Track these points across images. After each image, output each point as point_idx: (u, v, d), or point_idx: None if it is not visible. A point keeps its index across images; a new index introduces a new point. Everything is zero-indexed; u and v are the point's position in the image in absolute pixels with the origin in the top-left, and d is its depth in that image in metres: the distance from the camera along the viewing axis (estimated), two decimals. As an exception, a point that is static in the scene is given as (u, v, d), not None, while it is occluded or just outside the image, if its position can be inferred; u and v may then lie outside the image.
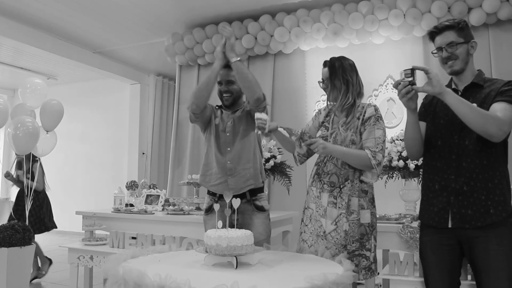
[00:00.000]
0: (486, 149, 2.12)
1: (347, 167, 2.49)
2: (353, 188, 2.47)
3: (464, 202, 2.12)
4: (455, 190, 2.14)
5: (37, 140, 4.40)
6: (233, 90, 2.92)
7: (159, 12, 5.84)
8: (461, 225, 2.12)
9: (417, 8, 4.94)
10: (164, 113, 8.69)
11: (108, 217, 4.16)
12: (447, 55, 2.23)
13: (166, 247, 2.54)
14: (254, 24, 5.74)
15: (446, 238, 2.18)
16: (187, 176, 5.06)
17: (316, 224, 2.53)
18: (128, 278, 1.76)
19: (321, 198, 2.52)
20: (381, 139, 2.47)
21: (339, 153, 2.46)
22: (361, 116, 2.53)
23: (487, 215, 2.07)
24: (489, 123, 2.02)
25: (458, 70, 2.24)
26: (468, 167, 2.13)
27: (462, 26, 2.22)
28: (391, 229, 3.05)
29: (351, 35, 5.29)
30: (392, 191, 3.72)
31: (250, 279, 1.79)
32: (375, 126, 2.49)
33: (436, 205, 2.21)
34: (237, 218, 2.72)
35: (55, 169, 9.63)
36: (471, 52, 2.24)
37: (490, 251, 2.05)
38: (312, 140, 2.46)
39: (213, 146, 2.92)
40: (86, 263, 3.81)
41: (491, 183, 2.10)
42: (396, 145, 3.48)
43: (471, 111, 2.04)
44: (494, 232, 2.06)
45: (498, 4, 4.59)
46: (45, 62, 7.92)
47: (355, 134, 2.50)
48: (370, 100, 5.43)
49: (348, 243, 2.43)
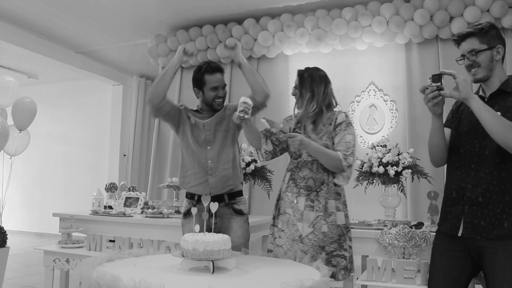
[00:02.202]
0: (506, 161, 2.04)
1: (322, 171, 2.58)
2: (329, 191, 2.56)
3: (478, 213, 2.07)
4: (470, 199, 2.10)
5: (6, 139, 4.29)
6: (225, 94, 2.98)
7: (143, 13, 5.80)
8: (472, 235, 2.08)
9: (400, 16, 4.98)
10: (146, 115, 8.60)
11: (85, 219, 4.09)
12: (469, 63, 2.16)
13: (143, 250, 2.51)
14: (238, 28, 5.73)
15: (456, 245, 2.15)
16: (167, 179, 5.02)
17: (293, 228, 2.56)
18: (102, 282, 1.73)
19: (298, 203, 2.57)
20: (352, 143, 2.57)
21: (313, 149, 2.53)
22: (332, 122, 2.64)
23: (501, 228, 2.01)
24: (511, 135, 1.96)
25: (482, 78, 2.16)
26: (486, 178, 2.07)
27: (485, 31, 2.13)
28: (370, 235, 3.06)
29: (334, 40, 5.31)
30: (372, 197, 3.74)
31: (226, 284, 1.78)
32: (346, 131, 2.60)
33: (452, 213, 2.18)
34: (216, 222, 2.70)
35: (34, 169, 9.52)
36: (497, 58, 2.14)
37: (496, 263, 2.01)
38: (291, 134, 2.53)
39: (192, 145, 2.91)
40: (62, 266, 3.74)
41: (508, 196, 2.03)
42: (376, 151, 3.50)
43: (495, 120, 1.99)
44: (503, 244, 2.01)
45: (479, 14, 4.65)
46: (26, 61, 7.77)
47: (328, 139, 2.60)
48: (352, 106, 5.45)
49: (326, 245, 2.50)
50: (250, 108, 2.54)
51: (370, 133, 5.34)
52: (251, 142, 2.78)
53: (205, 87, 2.93)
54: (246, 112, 2.52)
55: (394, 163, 3.35)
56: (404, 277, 2.58)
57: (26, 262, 6.37)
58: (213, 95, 2.92)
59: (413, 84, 5.12)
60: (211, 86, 2.91)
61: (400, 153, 3.44)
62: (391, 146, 3.50)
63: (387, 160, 3.36)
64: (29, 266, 5.43)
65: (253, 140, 2.76)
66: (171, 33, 6.21)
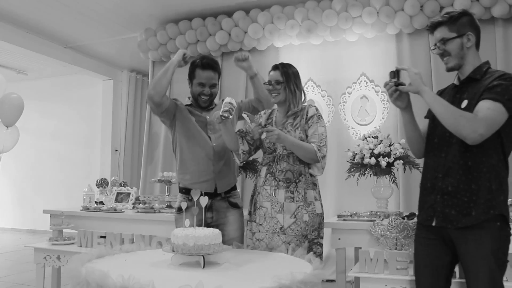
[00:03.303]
0: (473, 149, 2.03)
1: (298, 163, 2.70)
2: (307, 182, 2.69)
3: (449, 202, 2.08)
4: (441, 189, 2.11)
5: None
6: (214, 93, 2.99)
7: (132, 7, 5.74)
8: (444, 224, 2.09)
9: (390, 6, 4.96)
10: (137, 109, 8.56)
11: (76, 215, 4.07)
12: (439, 52, 2.18)
13: (134, 246, 2.49)
14: (227, 20, 5.68)
15: (432, 234, 2.17)
16: (159, 173, 4.98)
17: (272, 221, 2.66)
18: (91, 279, 1.70)
19: (277, 195, 2.67)
20: (324, 135, 2.71)
21: (290, 143, 2.63)
22: (304, 115, 2.75)
23: (469, 217, 2.01)
24: (461, 125, 1.96)
25: (454, 66, 2.17)
26: (453, 167, 2.08)
27: (455, 19, 2.13)
28: (363, 226, 3.05)
29: (325, 32, 5.28)
30: (364, 189, 3.73)
31: (217, 279, 1.76)
32: (318, 123, 2.72)
33: (427, 203, 2.20)
34: (212, 216, 2.85)
35: (25, 166, 9.45)
36: (467, 46, 2.12)
37: (469, 254, 2.03)
38: (270, 128, 2.58)
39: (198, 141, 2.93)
40: (53, 263, 3.71)
41: (475, 184, 2.03)
42: (368, 142, 3.48)
43: (445, 110, 2.01)
44: (472, 234, 2.01)
45: (468, 3, 4.63)
46: (15, 57, 7.68)
47: (302, 132, 2.71)
48: (344, 97, 5.43)
49: (308, 233, 2.64)
50: (234, 109, 2.56)
51: (362, 125, 5.33)
52: (229, 143, 2.79)
53: (194, 81, 2.96)
54: (230, 112, 2.54)
55: (386, 154, 3.34)
56: (397, 268, 2.58)
57: (18, 259, 6.33)
58: (198, 90, 2.95)
59: (404, 75, 5.08)
60: (198, 82, 2.93)
61: (391, 144, 3.42)
62: (382, 137, 3.49)
63: (379, 151, 3.34)
64: (21, 263, 5.40)
65: (230, 142, 2.77)
66: (161, 27, 6.15)
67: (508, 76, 2.02)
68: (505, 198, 2.06)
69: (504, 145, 2.06)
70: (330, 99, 5.52)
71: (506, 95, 1.96)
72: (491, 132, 1.97)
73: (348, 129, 5.40)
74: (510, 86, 1.98)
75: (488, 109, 1.96)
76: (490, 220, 2.01)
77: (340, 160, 4.95)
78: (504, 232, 2.05)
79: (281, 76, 2.77)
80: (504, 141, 2.05)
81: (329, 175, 5.12)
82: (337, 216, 3.38)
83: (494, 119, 1.96)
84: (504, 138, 2.04)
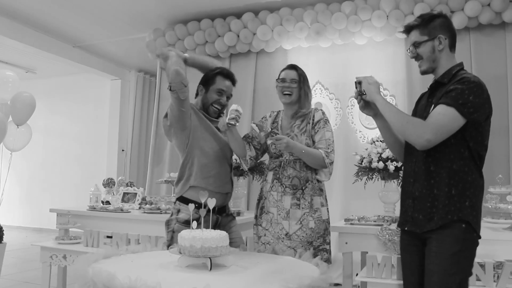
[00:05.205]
0: (434, 154, 2.02)
1: (305, 169, 2.67)
2: (313, 188, 2.67)
3: (417, 206, 2.08)
4: (412, 194, 2.12)
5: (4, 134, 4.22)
6: (226, 105, 2.85)
7: (141, 7, 5.75)
8: (413, 229, 2.10)
9: (400, 10, 4.94)
10: (144, 109, 8.58)
11: (83, 215, 4.07)
12: (413, 55, 2.17)
13: (140, 246, 2.48)
14: (236, 22, 5.68)
15: (411, 239, 2.16)
16: (165, 174, 4.99)
17: (277, 227, 2.65)
18: (97, 280, 1.70)
19: (283, 202, 2.65)
20: (331, 140, 2.70)
21: (299, 150, 2.60)
22: (310, 120, 2.74)
23: (432, 221, 2.00)
24: (408, 131, 1.99)
25: (426, 69, 2.14)
26: (419, 172, 2.09)
27: (426, 22, 2.10)
28: (370, 231, 3.03)
29: (334, 35, 5.27)
30: (371, 193, 3.71)
31: (224, 282, 1.75)
32: (325, 128, 2.71)
33: (403, 207, 2.20)
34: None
35: (33, 164, 9.49)
36: (439, 49, 2.09)
37: (430, 253, 2.01)
38: (278, 137, 2.56)
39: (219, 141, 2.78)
40: (59, 262, 3.72)
41: (437, 189, 2.01)
42: (376, 146, 3.46)
43: (393, 116, 2.05)
44: (436, 235, 2.00)
45: (479, 8, 4.61)
46: (24, 56, 7.72)
47: (308, 138, 2.70)
48: (352, 100, 5.40)
49: (314, 240, 2.62)
50: (240, 116, 2.54)
51: (370, 128, 5.30)
52: (236, 150, 2.75)
53: (212, 87, 2.79)
54: (237, 120, 2.53)
55: (394, 158, 3.32)
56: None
57: (25, 257, 6.36)
58: (214, 98, 2.78)
59: (413, 79, 5.09)
60: (218, 88, 2.78)
61: (400, 148, 3.40)
62: (391, 141, 3.46)
63: (387, 155, 3.33)
64: (28, 261, 5.42)
65: (237, 148, 2.74)
66: (169, 27, 6.16)
67: (466, 80, 1.97)
68: (472, 204, 1.99)
69: (471, 150, 2.00)
70: (338, 102, 5.51)
71: (460, 99, 1.93)
72: (441, 137, 1.95)
73: (356, 133, 5.38)
74: (466, 90, 1.94)
75: (438, 114, 1.95)
76: (452, 223, 1.97)
77: (347, 163, 4.92)
78: (468, 236, 1.99)
79: (297, 76, 2.75)
80: (470, 145, 2.00)
81: (336, 178, 5.09)
82: (344, 220, 3.36)
83: (443, 125, 1.94)
84: (470, 142, 1.99)
